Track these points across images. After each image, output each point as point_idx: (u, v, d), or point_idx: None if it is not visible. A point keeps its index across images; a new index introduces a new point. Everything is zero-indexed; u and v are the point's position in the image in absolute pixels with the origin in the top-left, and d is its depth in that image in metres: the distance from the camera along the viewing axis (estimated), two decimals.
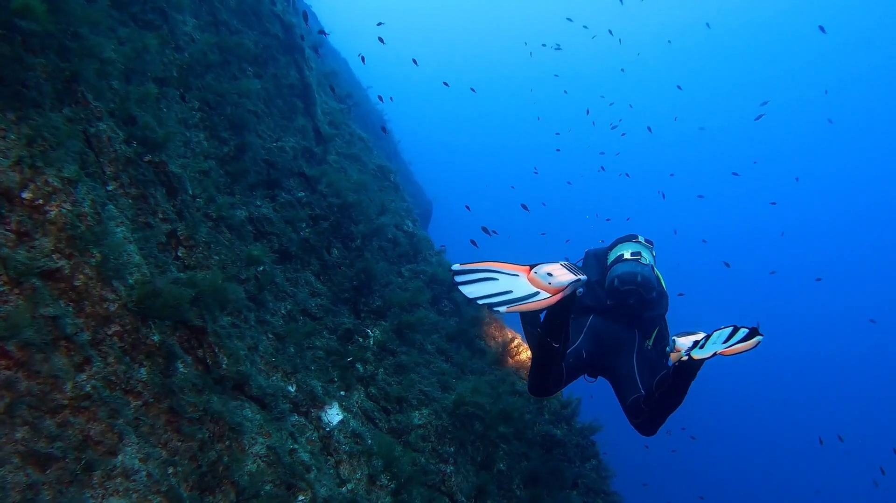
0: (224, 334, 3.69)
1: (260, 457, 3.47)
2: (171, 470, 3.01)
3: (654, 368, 3.92)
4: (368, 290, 5.39)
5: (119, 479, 2.76)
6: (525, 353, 6.87)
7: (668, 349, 3.37)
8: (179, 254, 3.86)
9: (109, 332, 3.00)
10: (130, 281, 3.20)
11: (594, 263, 4.41)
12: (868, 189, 52.63)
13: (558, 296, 3.02)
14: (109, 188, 3.58)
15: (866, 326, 37.95)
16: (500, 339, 6.60)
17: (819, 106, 48.83)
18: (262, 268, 4.40)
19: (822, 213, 53.73)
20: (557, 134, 30.76)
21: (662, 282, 4.22)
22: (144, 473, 2.87)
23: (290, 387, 4.10)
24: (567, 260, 3.25)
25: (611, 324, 4.08)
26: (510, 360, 6.50)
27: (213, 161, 4.85)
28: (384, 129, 8.40)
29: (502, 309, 3.02)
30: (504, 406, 5.04)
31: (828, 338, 46.61)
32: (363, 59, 11.41)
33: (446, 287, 6.45)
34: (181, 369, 3.38)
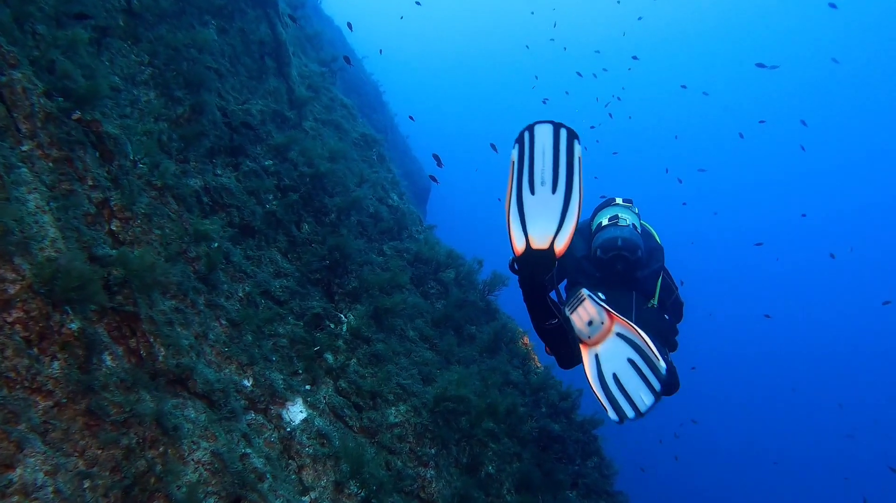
0: (163, 321, 3.25)
1: (202, 465, 3.05)
2: (87, 483, 2.59)
3: (657, 328, 3.92)
4: (343, 270, 4.94)
5: (16, 498, 2.34)
6: (521, 339, 6.46)
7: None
8: (113, 227, 3.40)
9: (10, 320, 2.56)
10: (40, 258, 2.75)
11: (578, 240, 4.30)
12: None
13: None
14: (24, 148, 3.11)
15: (879, 309, 37.53)
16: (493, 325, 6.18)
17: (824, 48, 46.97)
18: (215, 245, 3.95)
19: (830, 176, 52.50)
20: (544, 101, 30.09)
21: (656, 235, 4.25)
22: (51, 489, 2.45)
23: (245, 382, 3.68)
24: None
25: (606, 289, 4.02)
26: (504, 347, 6.09)
27: (165, 123, 4.37)
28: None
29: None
30: (493, 399, 4.62)
31: (840, 321, 46.08)
32: (350, 25, 10.86)
33: (433, 266, 6.00)
34: (108, 362, 2.95)
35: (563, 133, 2.92)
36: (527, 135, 2.97)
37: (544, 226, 2.94)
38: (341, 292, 4.85)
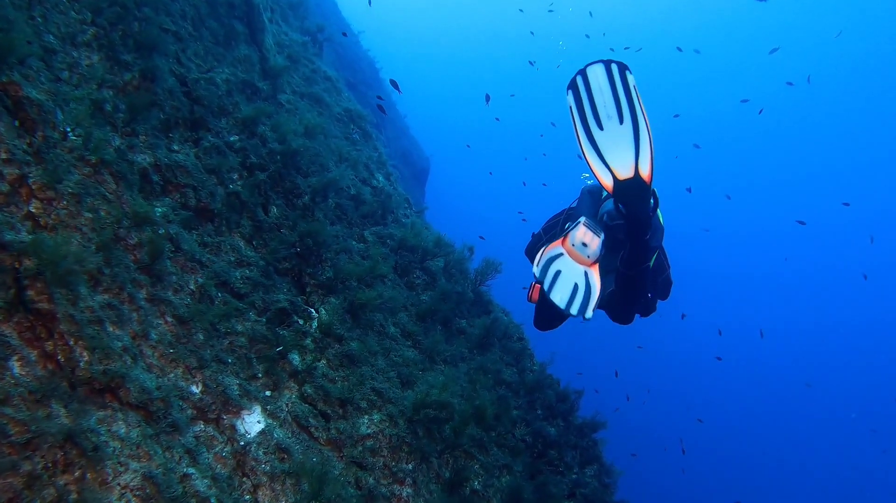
0: (87, 320, 2.80)
1: (130, 491, 2.62)
2: None
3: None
4: (317, 259, 4.49)
5: None
6: (516, 334, 6.03)
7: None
8: (32, 209, 2.94)
9: None
10: None
11: (588, 200, 4.44)
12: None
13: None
14: None
15: None
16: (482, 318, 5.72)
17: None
18: (161, 231, 3.49)
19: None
20: (531, 63, 29.49)
21: (660, 216, 4.32)
22: None
23: (193, 388, 3.25)
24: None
25: (605, 253, 4.17)
26: (496, 343, 5.65)
27: (110, 90, 3.90)
28: None
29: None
30: (481, 402, 4.19)
31: (858, 319, 45.05)
32: None
33: (419, 255, 5.53)
34: (16, 370, 2.52)
35: (615, 68, 2.98)
36: (579, 78, 3.02)
37: (623, 156, 2.98)
38: (313, 283, 4.40)
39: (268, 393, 3.54)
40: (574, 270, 3.29)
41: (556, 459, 4.95)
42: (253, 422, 3.36)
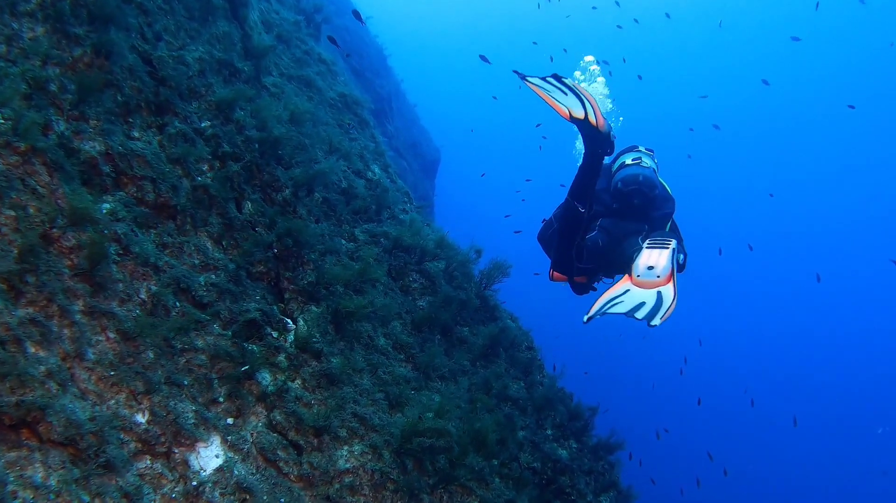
0: None
1: None
2: None
3: None
4: (297, 261, 4.02)
5: None
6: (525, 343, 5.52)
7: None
8: None
9: None
10: None
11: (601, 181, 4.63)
12: None
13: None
14: None
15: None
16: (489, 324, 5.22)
17: None
18: (105, 231, 3.03)
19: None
20: (534, 43, 28.97)
21: (667, 188, 4.59)
22: None
23: (138, 417, 2.79)
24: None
25: (620, 220, 4.36)
26: (503, 353, 5.15)
27: (56, 68, 3.44)
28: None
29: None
30: (482, 426, 3.71)
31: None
32: None
33: (417, 255, 5.04)
34: None
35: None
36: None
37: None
38: (293, 289, 3.93)
39: (230, 420, 3.08)
40: (643, 295, 3.23)
41: (568, 487, 4.46)
42: (210, 457, 2.90)
